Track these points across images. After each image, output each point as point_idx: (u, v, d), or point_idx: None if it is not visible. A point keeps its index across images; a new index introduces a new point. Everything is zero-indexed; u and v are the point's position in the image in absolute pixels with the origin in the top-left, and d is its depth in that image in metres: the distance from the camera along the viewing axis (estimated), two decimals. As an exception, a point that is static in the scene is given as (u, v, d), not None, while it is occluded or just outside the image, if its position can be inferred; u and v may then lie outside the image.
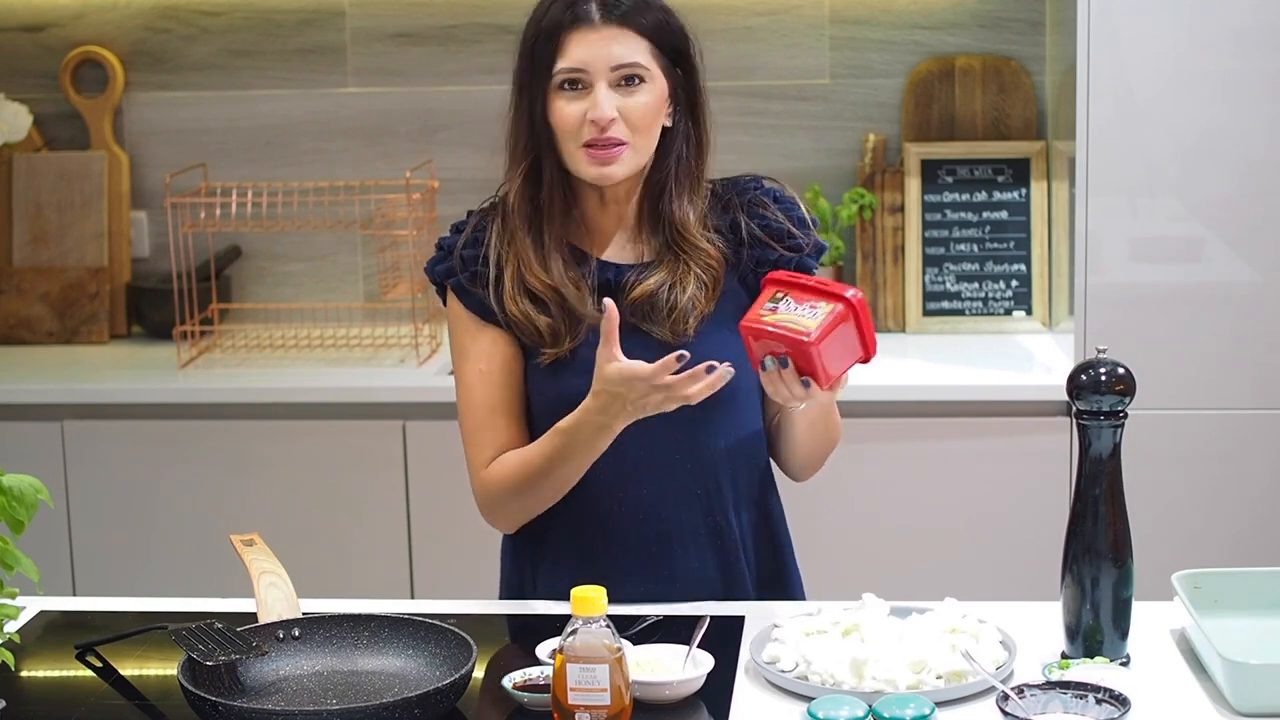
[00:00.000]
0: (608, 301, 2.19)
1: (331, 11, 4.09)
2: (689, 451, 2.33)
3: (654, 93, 2.30)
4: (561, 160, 2.32)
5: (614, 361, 2.17)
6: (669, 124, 2.34)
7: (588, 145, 2.27)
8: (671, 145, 2.35)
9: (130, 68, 4.15)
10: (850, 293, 2.11)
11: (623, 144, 2.28)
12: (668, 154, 2.35)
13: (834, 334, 2.10)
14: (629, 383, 2.16)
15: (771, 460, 2.45)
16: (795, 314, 2.12)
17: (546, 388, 2.34)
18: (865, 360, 2.15)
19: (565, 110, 2.28)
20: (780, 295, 2.15)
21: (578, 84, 2.28)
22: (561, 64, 2.28)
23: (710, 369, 2.14)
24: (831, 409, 2.36)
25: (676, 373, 2.15)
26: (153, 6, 4.13)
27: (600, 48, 2.27)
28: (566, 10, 2.28)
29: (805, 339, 2.09)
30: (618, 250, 2.38)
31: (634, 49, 2.29)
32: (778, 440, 2.42)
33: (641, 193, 2.37)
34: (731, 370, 2.15)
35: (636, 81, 2.29)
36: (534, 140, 2.31)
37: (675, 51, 2.33)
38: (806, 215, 2.39)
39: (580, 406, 2.23)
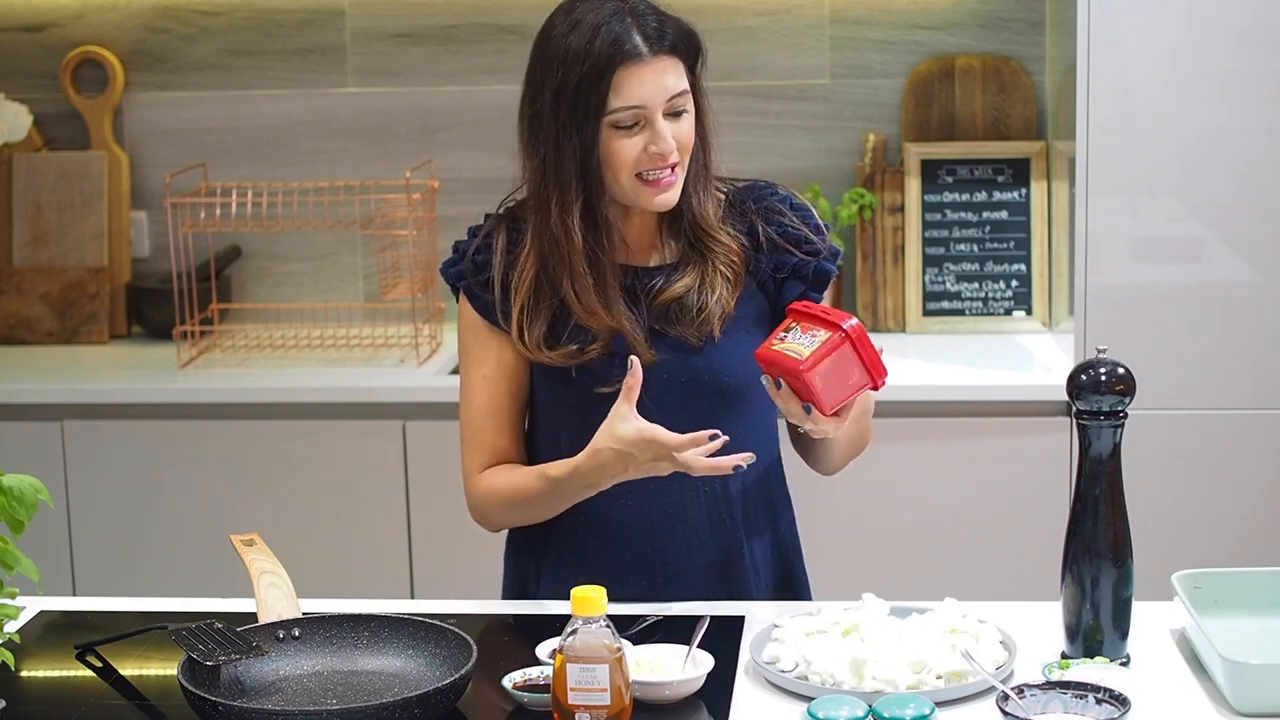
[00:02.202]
0: (633, 359, 2.20)
1: (331, 11, 4.09)
2: None
3: (693, 112, 2.31)
4: (605, 195, 2.29)
5: (629, 421, 2.18)
6: None
7: (645, 177, 2.27)
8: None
9: (130, 68, 4.15)
10: (847, 322, 2.14)
11: (675, 167, 2.28)
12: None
13: (826, 360, 2.13)
14: (647, 445, 2.17)
15: (786, 472, 2.46)
16: (797, 342, 2.17)
17: (552, 391, 2.35)
18: (875, 387, 2.18)
19: (626, 146, 2.26)
20: (793, 325, 2.20)
21: (635, 122, 2.26)
22: (618, 102, 2.24)
23: (737, 468, 2.18)
24: (866, 414, 2.37)
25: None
26: (153, 6, 4.13)
27: (654, 82, 2.25)
28: (611, 47, 2.23)
29: (799, 365, 2.14)
30: (639, 254, 2.38)
31: (680, 76, 2.28)
32: (807, 443, 2.42)
33: None
34: (753, 457, 2.19)
35: (684, 110, 2.29)
36: (586, 181, 2.27)
37: (696, 62, 2.33)
38: (820, 221, 2.41)
39: (571, 464, 2.25)
